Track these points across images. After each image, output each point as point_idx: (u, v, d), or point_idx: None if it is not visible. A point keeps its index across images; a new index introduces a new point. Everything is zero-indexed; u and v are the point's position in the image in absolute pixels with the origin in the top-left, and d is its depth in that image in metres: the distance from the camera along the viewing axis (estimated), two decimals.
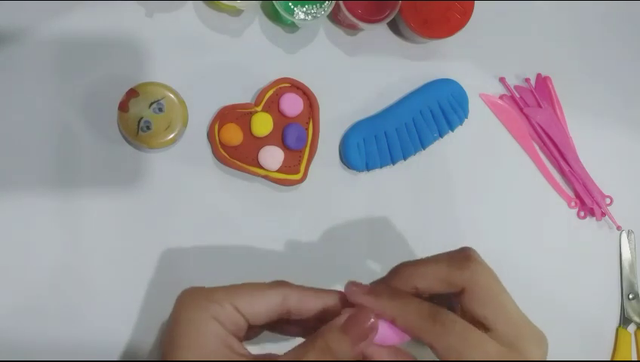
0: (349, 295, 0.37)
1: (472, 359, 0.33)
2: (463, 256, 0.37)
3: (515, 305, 0.36)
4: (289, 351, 0.35)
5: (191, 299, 0.36)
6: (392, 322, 0.36)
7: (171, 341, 0.35)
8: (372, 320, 0.35)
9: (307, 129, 0.52)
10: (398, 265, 0.39)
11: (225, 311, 0.36)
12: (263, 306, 0.36)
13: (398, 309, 0.35)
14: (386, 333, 0.36)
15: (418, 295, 0.37)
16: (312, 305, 0.37)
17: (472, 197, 0.55)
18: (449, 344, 0.34)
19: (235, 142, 0.50)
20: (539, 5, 0.58)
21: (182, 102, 0.50)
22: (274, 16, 0.53)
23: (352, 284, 0.37)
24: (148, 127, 0.48)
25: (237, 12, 0.52)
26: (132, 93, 0.48)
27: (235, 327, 0.36)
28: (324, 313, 0.37)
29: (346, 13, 0.50)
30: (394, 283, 0.37)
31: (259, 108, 0.51)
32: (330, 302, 0.37)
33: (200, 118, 0.51)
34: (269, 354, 0.37)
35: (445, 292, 0.36)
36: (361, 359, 0.36)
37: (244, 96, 0.52)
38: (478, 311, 0.35)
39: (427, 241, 0.54)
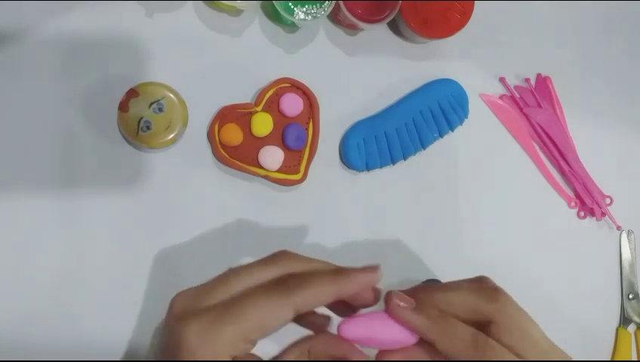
0: (392, 309, 0.35)
1: None
2: (492, 289, 0.37)
3: (543, 333, 0.37)
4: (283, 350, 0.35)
5: (210, 343, 0.33)
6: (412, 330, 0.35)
7: None
8: (347, 349, 0.35)
9: (307, 129, 0.52)
10: (424, 286, 0.38)
11: (237, 347, 0.34)
12: (275, 325, 0.34)
13: (441, 334, 0.35)
14: (395, 336, 0.35)
15: None
16: (321, 301, 0.36)
17: (472, 197, 0.55)
18: None
19: (235, 142, 0.50)
20: (539, 5, 0.58)
21: (182, 102, 0.50)
22: (274, 16, 0.53)
23: (395, 298, 0.35)
24: (148, 127, 0.48)
25: (237, 12, 0.52)
26: (132, 93, 0.48)
27: (245, 350, 0.35)
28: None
29: (346, 13, 0.50)
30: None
31: (259, 108, 0.51)
32: (338, 285, 0.36)
33: (200, 118, 0.51)
34: None
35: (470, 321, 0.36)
36: None
37: (244, 96, 0.52)
38: (507, 341, 0.35)
39: (427, 241, 0.54)
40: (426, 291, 0.37)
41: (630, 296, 0.57)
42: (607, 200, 0.57)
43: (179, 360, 0.33)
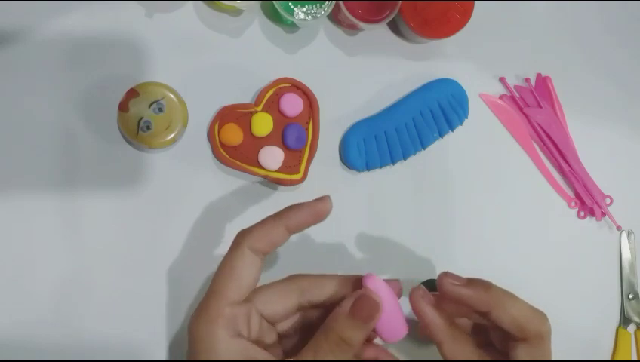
0: (417, 300, 0.38)
1: None
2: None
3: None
4: (304, 349, 0.36)
5: (204, 320, 0.36)
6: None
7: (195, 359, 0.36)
8: (376, 299, 0.36)
9: (307, 129, 0.52)
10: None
11: (240, 320, 0.36)
12: (281, 304, 0.37)
13: (451, 338, 0.38)
14: (392, 325, 0.37)
15: None
16: (330, 291, 0.38)
17: (472, 197, 0.55)
18: None
19: (235, 142, 0.50)
20: (539, 5, 0.58)
21: (182, 102, 0.50)
22: (274, 16, 0.53)
23: (450, 277, 0.39)
24: (148, 127, 0.48)
25: (237, 12, 0.52)
26: (132, 93, 0.48)
27: (260, 332, 0.37)
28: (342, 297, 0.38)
29: (346, 13, 0.50)
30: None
31: (259, 108, 0.51)
32: (348, 284, 0.38)
33: (200, 118, 0.51)
34: None
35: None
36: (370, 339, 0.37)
37: (244, 96, 0.52)
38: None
39: (427, 241, 0.54)
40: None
41: (630, 296, 0.57)
42: (607, 200, 0.57)
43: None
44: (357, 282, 0.39)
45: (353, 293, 0.37)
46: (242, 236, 0.38)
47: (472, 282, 0.38)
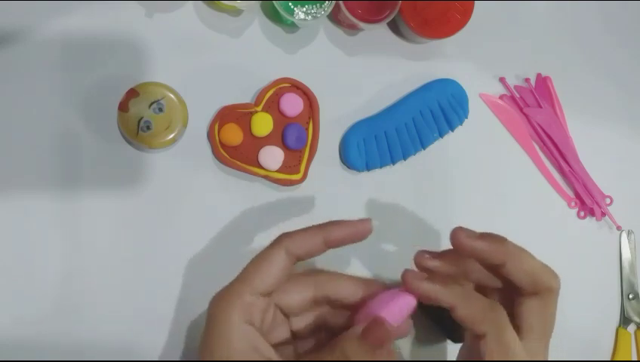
0: (409, 282, 0.38)
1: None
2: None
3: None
4: (306, 356, 0.37)
5: (220, 306, 0.37)
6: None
7: (204, 342, 0.37)
8: (388, 328, 0.36)
9: (307, 129, 0.52)
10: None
11: (251, 306, 0.37)
12: (275, 270, 0.38)
13: (461, 298, 0.38)
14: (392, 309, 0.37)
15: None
16: (348, 290, 0.39)
17: (472, 197, 0.55)
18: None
19: (235, 142, 0.50)
20: (539, 5, 0.58)
21: (182, 102, 0.50)
22: (274, 16, 0.53)
23: (463, 231, 0.40)
24: (148, 127, 0.48)
25: (237, 12, 0.52)
26: (132, 93, 0.48)
27: (263, 315, 0.38)
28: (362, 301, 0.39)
29: (346, 13, 0.50)
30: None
31: (259, 108, 0.51)
32: (367, 287, 0.39)
33: (200, 118, 0.51)
34: None
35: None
36: None
37: (244, 96, 0.52)
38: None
39: (427, 241, 0.54)
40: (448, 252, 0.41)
41: (630, 296, 0.57)
42: (607, 200, 0.57)
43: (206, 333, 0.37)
44: (373, 286, 0.39)
45: (370, 318, 0.37)
46: (283, 237, 0.39)
47: (486, 235, 0.40)
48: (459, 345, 0.44)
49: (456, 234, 0.40)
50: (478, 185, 0.55)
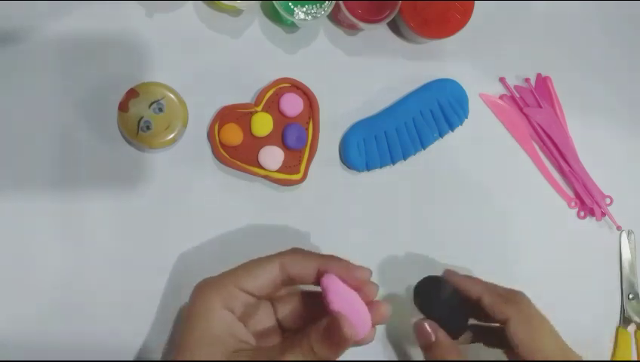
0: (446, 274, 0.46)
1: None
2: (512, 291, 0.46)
3: (556, 334, 0.44)
4: (275, 345, 0.39)
5: (202, 291, 0.40)
6: None
7: (184, 324, 0.39)
8: (348, 327, 0.37)
9: (307, 129, 0.52)
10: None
11: (233, 297, 0.39)
12: (265, 278, 0.40)
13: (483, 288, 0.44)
14: (359, 315, 0.38)
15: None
16: (310, 268, 0.40)
17: (472, 197, 0.55)
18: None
19: (235, 142, 0.50)
20: (539, 5, 0.58)
21: (182, 102, 0.50)
22: (274, 16, 0.53)
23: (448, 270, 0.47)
24: (148, 127, 0.49)
25: (237, 12, 0.52)
26: (132, 93, 0.48)
27: (245, 307, 0.40)
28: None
29: (346, 13, 0.50)
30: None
31: (259, 108, 0.51)
32: (327, 263, 0.40)
33: (200, 118, 0.51)
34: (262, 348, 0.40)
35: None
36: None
37: (244, 96, 0.52)
38: (523, 336, 0.42)
39: (427, 241, 0.54)
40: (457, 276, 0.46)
41: (630, 296, 0.57)
42: (607, 200, 0.57)
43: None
44: (330, 261, 0.40)
45: (330, 314, 0.38)
46: (283, 253, 0.41)
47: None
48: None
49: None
50: (478, 185, 0.55)
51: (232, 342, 0.38)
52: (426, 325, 0.44)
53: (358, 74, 0.54)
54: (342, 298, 0.38)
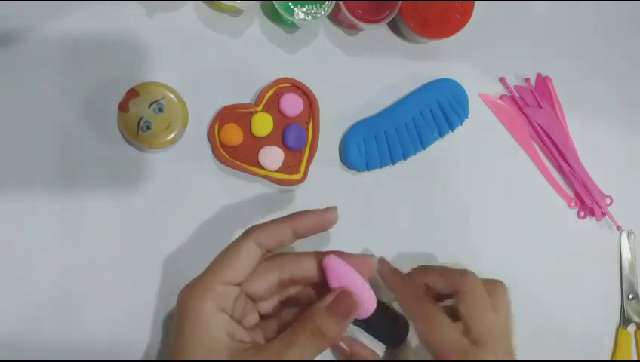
0: (381, 267, 0.45)
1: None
2: (462, 269, 0.44)
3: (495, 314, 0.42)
4: (280, 335, 0.37)
5: (191, 297, 0.38)
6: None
7: (177, 333, 0.38)
8: (354, 298, 0.38)
9: (307, 129, 0.52)
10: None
11: (222, 295, 0.38)
12: (246, 264, 0.39)
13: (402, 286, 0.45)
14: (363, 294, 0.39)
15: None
16: (309, 268, 0.40)
17: (472, 197, 0.55)
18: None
19: (235, 142, 0.50)
20: (539, 5, 0.58)
21: (182, 102, 0.50)
22: (274, 16, 0.53)
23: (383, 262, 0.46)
24: (148, 127, 0.49)
25: (237, 12, 0.52)
26: (132, 93, 0.49)
27: (234, 301, 0.39)
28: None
29: (346, 13, 0.50)
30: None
31: (259, 108, 0.51)
32: (296, 220, 0.40)
33: (200, 118, 0.51)
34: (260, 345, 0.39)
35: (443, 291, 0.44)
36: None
37: (244, 96, 0.52)
38: (463, 311, 0.41)
39: (427, 241, 0.54)
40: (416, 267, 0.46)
41: (630, 296, 0.57)
42: (607, 200, 0.57)
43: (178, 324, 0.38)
44: (303, 213, 0.41)
45: (335, 290, 0.38)
46: (252, 230, 0.40)
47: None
48: None
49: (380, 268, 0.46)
50: (478, 185, 0.55)
51: (231, 344, 0.37)
52: (341, 344, 0.48)
53: (358, 74, 0.54)
54: (341, 276, 0.38)
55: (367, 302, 0.38)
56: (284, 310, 0.42)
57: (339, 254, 0.40)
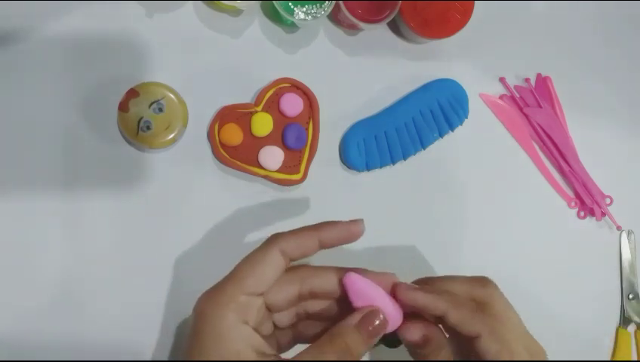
0: (402, 291, 0.38)
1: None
2: (483, 278, 0.40)
3: (520, 321, 0.39)
4: (304, 350, 0.36)
5: (211, 307, 0.36)
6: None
7: (195, 342, 0.36)
8: (382, 317, 0.37)
9: (307, 129, 0.52)
10: (426, 278, 0.42)
11: (245, 307, 0.36)
12: (270, 273, 0.37)
13: (449, 303, 0.38)
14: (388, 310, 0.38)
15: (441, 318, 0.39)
16: (331, 283, 0.39)
17: (472, 197, 0.55)
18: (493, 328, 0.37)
19: (235, 142, 0.50)
20: (539, 5, 0.58)
21: (182, 102, 0.50)
22: (274, 16, 0.53)
23: (404, 285, 0.39)
24: (148, 127, 0.49)
25: (237, 12, 0.52)
26: (132, 93, 0.49)
27: (257, 312, 0.37)
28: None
29: (346, 13, 0.50)
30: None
31: (259, 108, 0.51)
32: (320, 230, 0.39)
33: (200, 118, 0.51)
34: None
35: None
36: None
37: (244, 96, 0.52)
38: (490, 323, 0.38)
39: (427, 241, 0.54)
40: (428, 280, 0.41)
41: (630, 296, 0.57)
42: (607, 200, 0.57)
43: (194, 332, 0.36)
44: (328, 225, 0.40)
45: (362, 308, 0.37)
46: (276, 238, 0.39)
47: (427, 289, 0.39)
48: None
49: (397, 288, 0.39)
50: (478, 185, 0.55)
51: (254, 356, 0.35)
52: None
53: (358, 74, 0.54)
54: (366, 294, 0.38)
55: (394, 319, 0.38)
56: (299, 322, 0.41)
57: (358, 271, 0.39)
